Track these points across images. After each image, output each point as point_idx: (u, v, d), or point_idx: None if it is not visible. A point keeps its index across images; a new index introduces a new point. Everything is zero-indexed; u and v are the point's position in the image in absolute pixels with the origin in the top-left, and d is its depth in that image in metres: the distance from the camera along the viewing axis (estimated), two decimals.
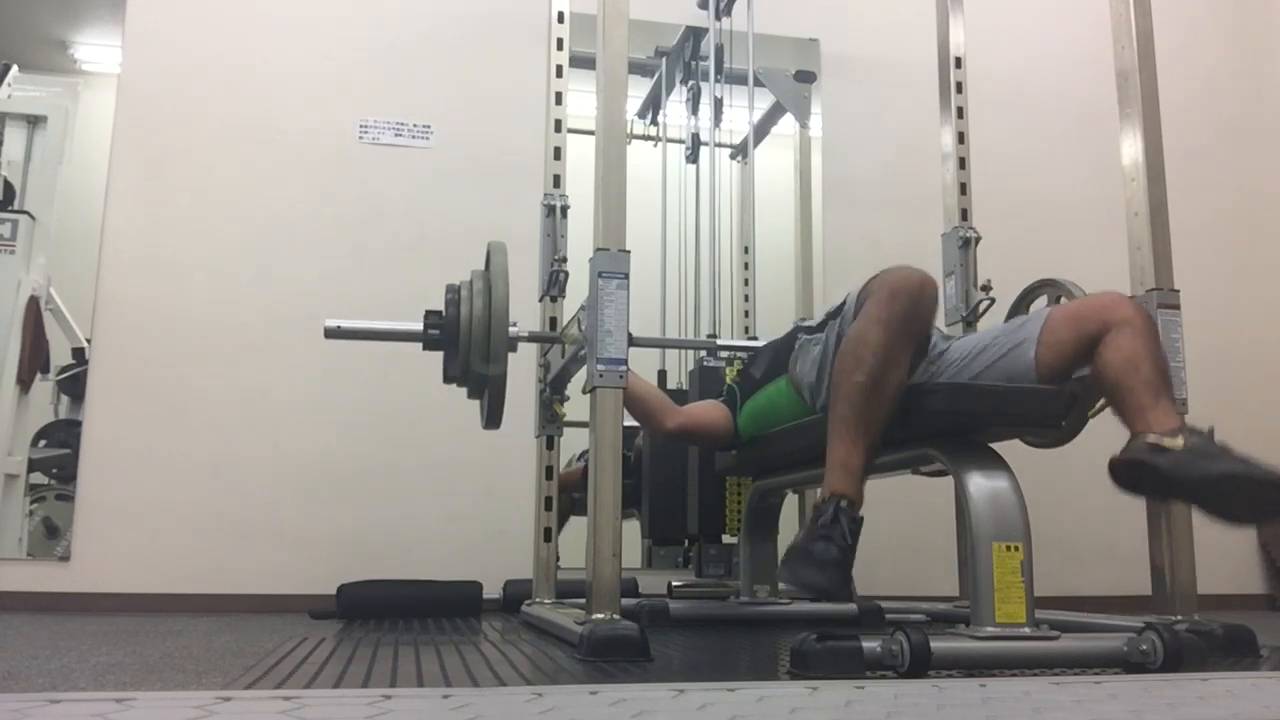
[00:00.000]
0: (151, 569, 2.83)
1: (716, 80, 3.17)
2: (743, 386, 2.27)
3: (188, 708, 0.97)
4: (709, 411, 2.29)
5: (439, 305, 2.06)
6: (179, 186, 3.05)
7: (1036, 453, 2.19)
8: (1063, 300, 2.23)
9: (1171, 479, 1.48)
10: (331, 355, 2.80)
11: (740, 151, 3.34)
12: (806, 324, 2.06)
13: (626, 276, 1.74)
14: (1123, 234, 2.03)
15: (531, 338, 2.26)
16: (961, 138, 2.78)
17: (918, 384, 1.66)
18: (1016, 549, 1.46)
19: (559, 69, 2.59)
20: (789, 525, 2.76)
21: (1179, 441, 1.50)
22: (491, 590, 2.71)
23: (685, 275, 3.21)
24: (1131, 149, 2.03)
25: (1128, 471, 1.55)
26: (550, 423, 2.45)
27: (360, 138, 3.16)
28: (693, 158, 3.28)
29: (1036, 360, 1.73)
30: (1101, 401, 2.08)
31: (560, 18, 2.62)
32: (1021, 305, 2.37)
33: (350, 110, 3.17)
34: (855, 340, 1.65)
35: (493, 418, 2.09)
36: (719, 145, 3.20)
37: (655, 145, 3.40)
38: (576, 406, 2.29)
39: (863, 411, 1.61)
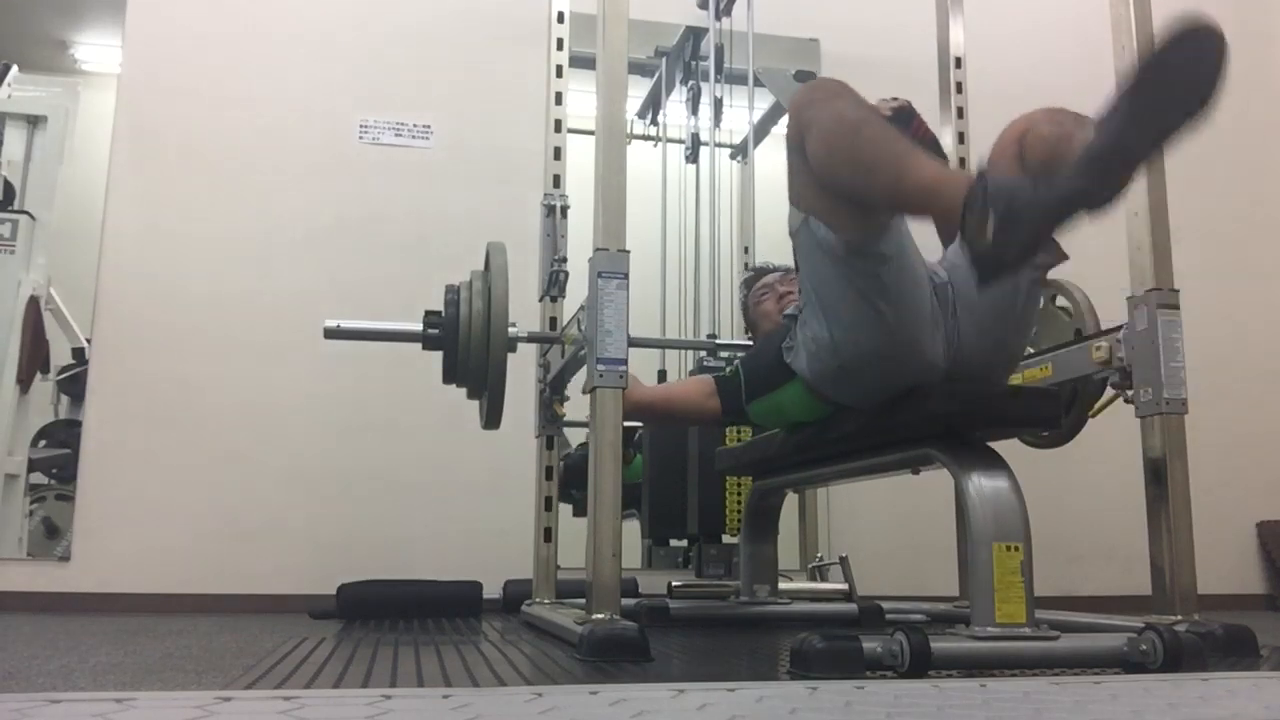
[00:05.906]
0: (151, 569, 2.83)
1: (716, 80, 3.17)
2: (750, 383, 2.06)
3: (188, 708, 0.97)
4: (686, 389, 2.16)
5: (439, 305, 2.06)
6: (179, 187, 3.05)
7: (1036, 453, 2.19)
8: (1058, 299, 2.23)
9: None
10: (331, 355, 2.80)
11: (740, 151, 3.34)
12: (788, 313, 2.03)
13: (626, 276, 1.74)
14: (1123, 234, 2.03)
15: (531, 338, 2.26)
16: (961, 138, 2.79)
17: (917, 386, 1.66)
18: (1016, 549, 1.46)
19: (559, 69, 2.59)
20: (789, 525, 2.76)
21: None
22: (491, 590, 2.71)
23: (685, 275, 3.21)
24: None
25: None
26: (550, 423, 2.45)
27: (360, 138, 3.16)
28: (693, 158, 3.27)
29: None
30: (1101, 401, 2.09)
31: (560, 18, 2.62)
32: None
33: (350, 110, 3.17)
34: (833, 126, 1.55)
35: (492, 418, 2.08)
36: (719, 145, 3.20)
37: (655, 145, 3.40)
38: (576, 406, 2.29)
39: (898, 137, 1.53)
